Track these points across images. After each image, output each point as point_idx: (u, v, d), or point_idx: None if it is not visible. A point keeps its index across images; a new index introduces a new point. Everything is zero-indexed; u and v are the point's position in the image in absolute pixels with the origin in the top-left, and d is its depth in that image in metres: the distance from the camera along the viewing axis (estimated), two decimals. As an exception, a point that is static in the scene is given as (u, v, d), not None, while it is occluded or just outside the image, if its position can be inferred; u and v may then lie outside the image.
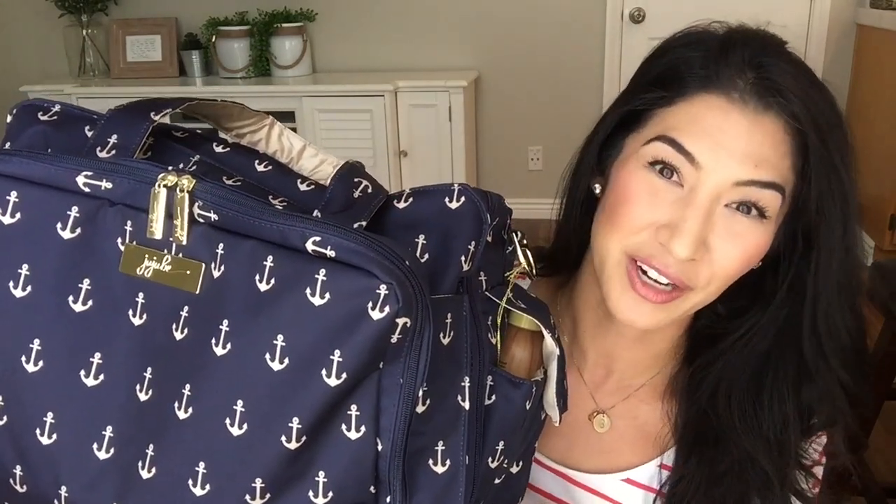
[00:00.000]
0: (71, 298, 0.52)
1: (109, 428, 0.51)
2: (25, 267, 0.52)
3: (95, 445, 0.51)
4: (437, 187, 0.52)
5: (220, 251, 0.48)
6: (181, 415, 0.49)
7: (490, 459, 0.54)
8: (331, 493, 0.47)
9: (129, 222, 0.51)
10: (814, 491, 0.74)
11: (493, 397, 0.54)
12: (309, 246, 0.45)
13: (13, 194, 0.52)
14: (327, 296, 0.45)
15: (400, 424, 0.47)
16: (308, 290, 0.45)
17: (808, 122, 0.62)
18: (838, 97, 0.67)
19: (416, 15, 3.86)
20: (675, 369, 0.78)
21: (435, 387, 0.48)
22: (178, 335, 0.49)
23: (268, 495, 0.47)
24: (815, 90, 0.64)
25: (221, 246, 0.48)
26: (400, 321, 0.44)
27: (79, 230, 0.52)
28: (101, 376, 0.51)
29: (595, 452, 0.78)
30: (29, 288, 0.52)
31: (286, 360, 0.45)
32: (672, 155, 0.63)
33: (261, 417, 0.46)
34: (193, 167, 0.55)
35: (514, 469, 0.59)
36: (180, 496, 0.48)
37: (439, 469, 0.50)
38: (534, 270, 0.58)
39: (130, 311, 0.50)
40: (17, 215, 0.52)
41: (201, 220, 0.49)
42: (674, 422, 0.76)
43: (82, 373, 0.51)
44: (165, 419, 0.49)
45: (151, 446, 0.50)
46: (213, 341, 0.47)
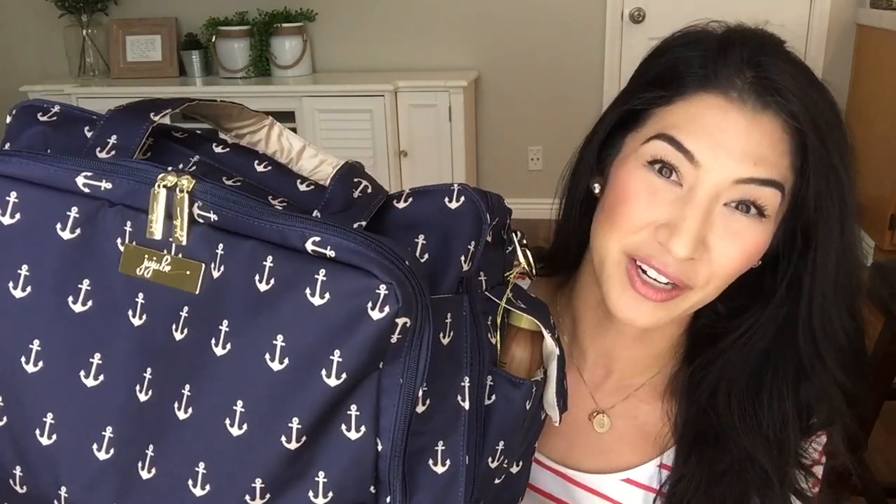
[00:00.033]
0: (70, 299, 0.52)
1: (109, 428, 0.51)
2: (25, 267, 0.52)
3: (95, 446, 0.51)
4: (437, 187, 0.52)
5: (219, 251, 0.48)
6: (181, 415, 0.49)
7: (490, 459, 0.54)
8: (331, 493, 0.47)
9: (128, 223, 0.51)
10: (814, 490, 0.74)
11: (493, 397, 0.54)
12: (309, 246, 0.45)
13: (13, 195, 0.52)
14: (327, 296, 0.45)
15: (400, 424, 0.47)
16: (308, 291, 0.45)
17: (807, 121, 0.62)
18: (838, 97, 0.67)
19: (416, 15, 3.86)
20: (675, 369, 0.78)
21: (435, 387, 0.48)
22: (178, 335, 0.49)
23: (268, 495, 0.47)
24: (814, 89, 0.64)
25: (221, 246, 0.48)
26: (400, 321, 0.44)
27: (78, 231, 0.52)
28: (101, 377, 0.51)
29: (595, 452, 0.78)
30: (29, 288, 0.52)
31: (286, 361, 0.45)
32: (671, 153, 0.63)
33: (260, 417, 0.46)
34: (193, 167, 0.55)
35: (514, 469, 0.59)
36: (180, 496, 0.48)
37: (439, 469, 0.50)
38: (533, 270, 0.58)
39: (130, 312, 0.50)
40: (17, 216, 0.52)
41: (201, 221, 0.49)
42: (673, 421, 0.76)
43: (82, 373, 0.51)
44: (165, 419, 0.49)
45: (151, 447, 0.50)
46: (213, 341, 0.47)
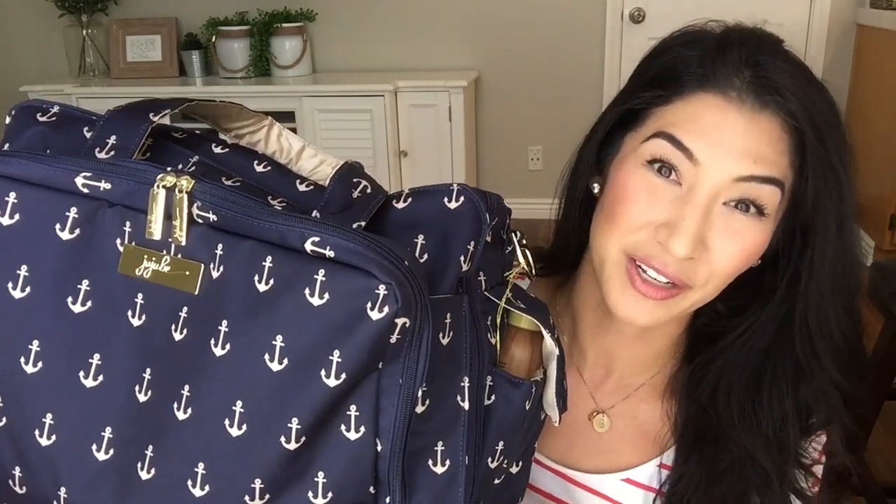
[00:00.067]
0: (70, 299, 0.52)
1: (108, 429, 0.51)
2: (24, 268, 0.52)
3: (94, 446, 0.51)
4: (436, 187, 0.52)
5: (219, 252, 0.48)
6: (180, 416, 0.49)
7: (490, 460, 0.54)
8: (330, 494, 0.47)
9: (127, 223, 0.51)
10: (813, 490, 0.74)
11: (493, 397, 0.54)
12: (308, 246, 0.45)
13: (12, 195, 0.52)
14: (326, 296, 0.45)
15: (399, 425, 0.47)
16: (307, 291, 0.45)
17: (806, 121, 0.62)
18: (838, 97, 0.67)
19: (416, 15, 3.86)
20: (675, 368, 0.78)
21: (434, 387, 0.48)
22: (178, 336, 0.49)
23: (267, 496, 0.47)
24: (813, 88, 0.64)
25: (220, 246, 0.48)
26: (399, 321, 0.44)
27: (77, 231, 0.52)
28: (100, 377, 0.51)
29: (595, 452, 0.78)
30: (28, 289, 0.52)
31: (285, 361, 0.45)
32: (671, 151, 0.63)
33: (260, 418, 0.46)
34: (192, 168, 0.55)
35: (514, 469, 0.59)
36: (179, 497, 0.48)
37: (439, 469, 0.50)
38: (533, 270, 0.57)
39: (129, 312, 0.50)
40: (16, 216, 0.52)
41: (200, 221, 0.49)
42: (673, 421, 0.76)
43: (81, 374, 0.51)
44: (164, 420, 0.49)
45: (151, 447, 0.50)
46: (213, 342, 0.47)
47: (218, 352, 0.47)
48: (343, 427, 0.47)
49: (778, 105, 0.62)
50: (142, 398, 0.50)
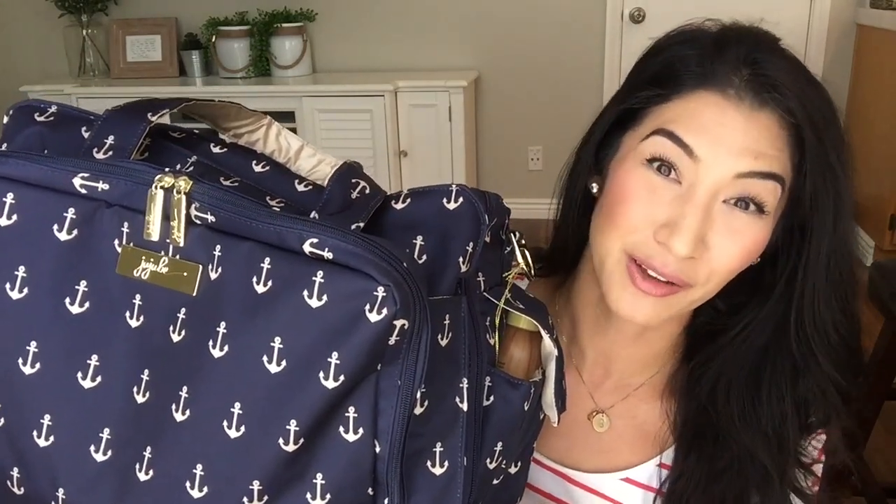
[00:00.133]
0: (68, 300, 0.51)
1: (107, 430, 0.51)
2: (22, 269, 0.52)
3: (93, 447, 0.51)
4: (435, 188, 0.52)
5: (217, 253, 0.48)
6: (179, 417, 0.48)
7: (488, 460, 0.54)
8: (329, 495, 0.47)
9: (125, 224, 0.51)
10: (813, 489, 0.74)
11: (492, 398, 0.54)
12: (306, 248, 0.45)
13: (9, 196, 0.52)
14: (325, 298, 0.44)
15: (398, 426, 0.46)
16: (305, 292, 0.45)
17: (804, 118, 0.62)
18: (838, 97, 0.67)
19: (416, 15, 3.86)
20: (674, 368, 0.78)
21: (433, 388, 0.48)
22: (176, 337, 0.49)
23: (265, 497, 0.47)
24: (811, 86, 0.64)
25: (218, 248, 0.48)
26: (398, 323, 0.44)
27: (75, 232, 0.52)
28: (99, 378, 0.51)
29: (594, 452, 0.78)
30: (25, 290, 0.52)
31: (283, 363, 0.45)
32: (670, 149, 0.63)
33: (258, 420, 0.46)
34: (190, 168, 0.55)
35: (513, 470, 0.59)
36: (178, 498, 0.48)
37: (437, 470, 0.50)
38: (532, 271, 0.57)
39: (127, 313, 0.50)
40: (14, 217, 0.52)
41: (198, 222, 0.49)
42: (672, 420, 0.76)
43: (79, 375, 0.51)
44: (163, 421, 0.49)
45: (149, 448, 0.50)
46: (211, 343, 0.47)
47: (216, 353, 0.47)
48: (341, 429, 0.46)
49: (777, 102, 0.62)
50: (140, 399, 0.50)
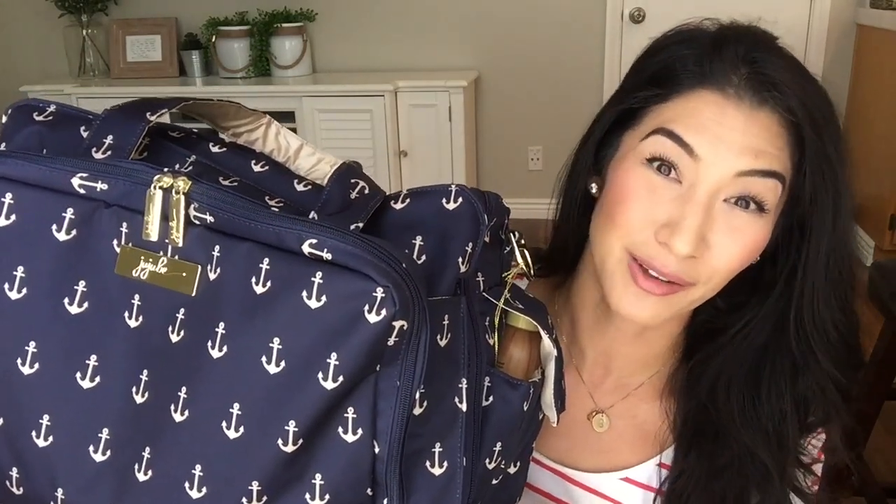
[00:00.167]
0: (66, 300, 0.51)
1: (105, 430, 0.51)
2: (21, 269, 0.52)
3: (91, 448, 0.51)
4: (434, 188, 0.52)
5: (216, 253, 0.48)
6: (177, 417, 0.48)
7: (487, 461, 0.54)
8: (328, 496, 0.47)
9: (124, 224, 0.50)
10: (813, 489, 0.74)
11: (491, 398, 0.54)
12: (305, 248, 0.45)
13: (8, 196, 0.52)
14: (324, 298, 0.44)
15: (397, 427, 0.46)
16: (304, 293, 0.45)
17: (804, 116, 0.63)
18: (838, 97, 0.67)
19: (416, 15, 3.86)
20: (674, 367, 0.78)
21: (432, 389, 0.48)
22: (175, 337, 0.49)
23: (264, 498, 0.47)
24: (809, 84, 0.64)
25: (217, 248, 0.48)
26: (397, 324, 0.44)
27: (74, 232, 0.51)
28: (97, 378, 0.51)
29: (594, 452, 0.78)
30: (24, 290, 0.52)
31: (282, 363, 0.45)
32: (670, 147, 0.63)
33: (257, 420, 0.46)
34: (189, 168, 0.55)
35: (512, 470, 0.59)
36: (177, 499, 0.48)
37: (436, 471, 0.49)
38: (531, 271, 0.57)
39: (126, 314, 0.50)
40: (12, 217, 0.52)
41: (197, 222, 0.49)
42: (672, 419, 0.76)
43: (78, 375, 0.51)
44: (162, 422, 0.49)
45: (148, 449, 0.50)
46: (210, 344, 0.47)
47: (215, 354, 0.47)
48: (340, 429, 0.46)
49: (776, 101, 0.62)
50: (139, 399, 0.50)
